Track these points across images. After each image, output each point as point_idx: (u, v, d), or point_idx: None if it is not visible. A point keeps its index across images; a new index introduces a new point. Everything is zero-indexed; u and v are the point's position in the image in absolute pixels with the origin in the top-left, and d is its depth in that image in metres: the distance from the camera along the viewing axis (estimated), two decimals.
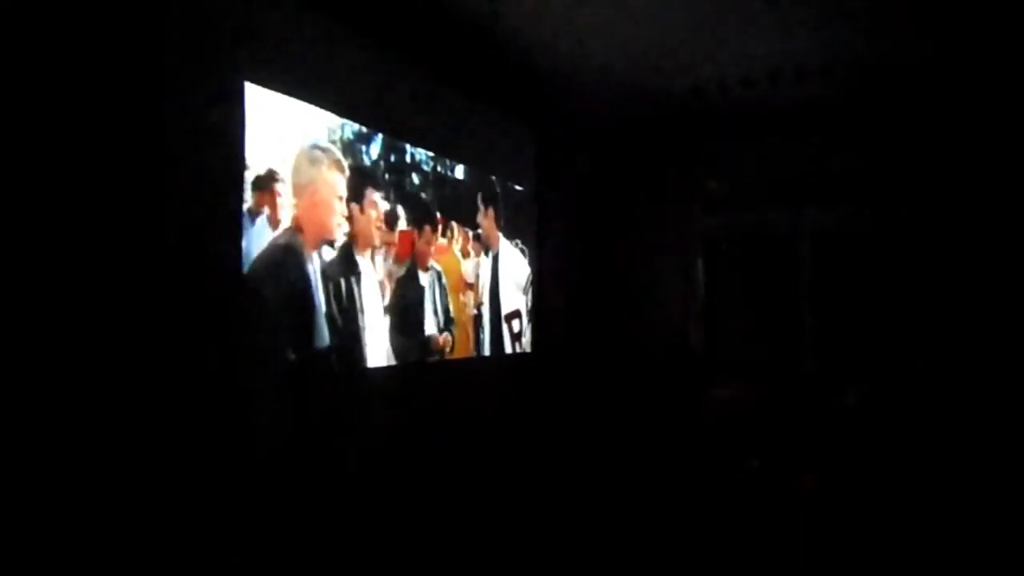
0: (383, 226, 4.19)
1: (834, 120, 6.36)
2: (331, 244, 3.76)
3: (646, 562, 4.17)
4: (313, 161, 3.62)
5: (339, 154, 3.82)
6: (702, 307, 7.03)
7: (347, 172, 3.87)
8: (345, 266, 3.87)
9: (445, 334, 4.79)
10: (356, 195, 3.98)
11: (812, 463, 5.73)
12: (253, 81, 3.30)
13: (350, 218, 3.92)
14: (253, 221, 3.25)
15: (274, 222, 3.35)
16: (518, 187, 5.80)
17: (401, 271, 4.34)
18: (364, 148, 4.13)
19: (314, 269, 3.61)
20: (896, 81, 5.63)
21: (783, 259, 6.75)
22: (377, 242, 4.13)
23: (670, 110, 6.46)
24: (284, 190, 3.41)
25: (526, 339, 5.77)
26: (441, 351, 4.76)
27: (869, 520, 4.63)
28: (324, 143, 3.72)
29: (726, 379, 6.75)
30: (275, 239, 3.36)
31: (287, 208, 3.43)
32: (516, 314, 5.63)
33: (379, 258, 4.15)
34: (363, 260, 4.01)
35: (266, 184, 3.31)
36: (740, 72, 5.53)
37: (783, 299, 6.70)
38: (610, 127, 6.84)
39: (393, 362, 4.23)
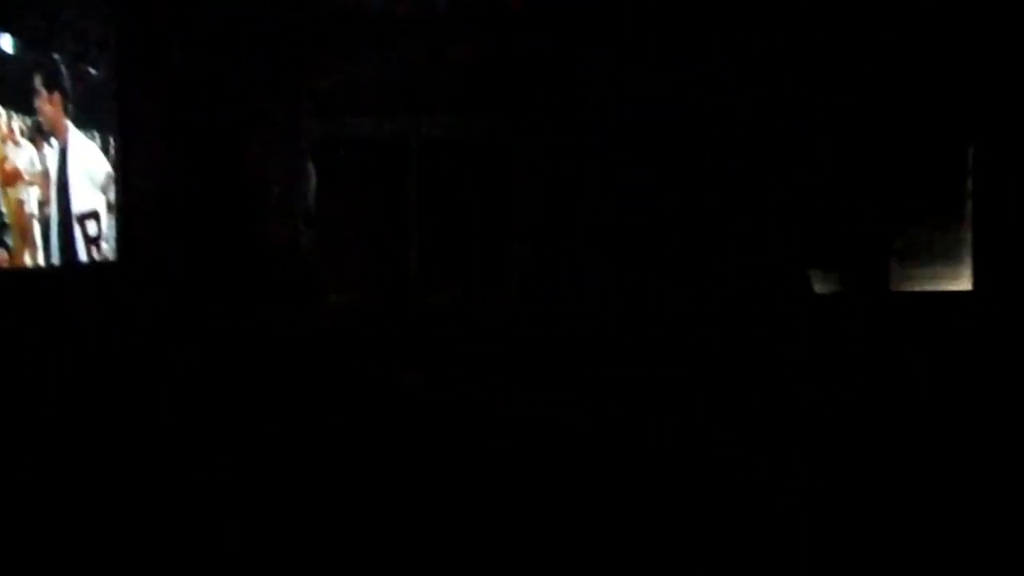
0: None
1: (445, 28, 6.56)
2: None
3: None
4: None
5: None
6: (314, 212, 6.93)
7: None
8: None
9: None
10: None
11: (419, 361, 6.10)
12: None
13: None
14: None
15: None
16: (93, 70, 5.05)
17: None
18: None
19: None
20: None
21: (394, 166, 6.90)
22: None
23: (280, 5, 6.14)
24: None
25: (106, 245, 5.16)
26: None
27: (479, 411, 5.02)
28: None
29: (339, 284, 6.82)
30: None
31: None
32: (92, 215, 4.98)
33: None
34: None
35: None
36: None
37: (394, 205, 6.89)
38: (213, 12, 6.26)
39: None
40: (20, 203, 4.26)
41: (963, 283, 6.25)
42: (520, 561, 2.76)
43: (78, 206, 4.86)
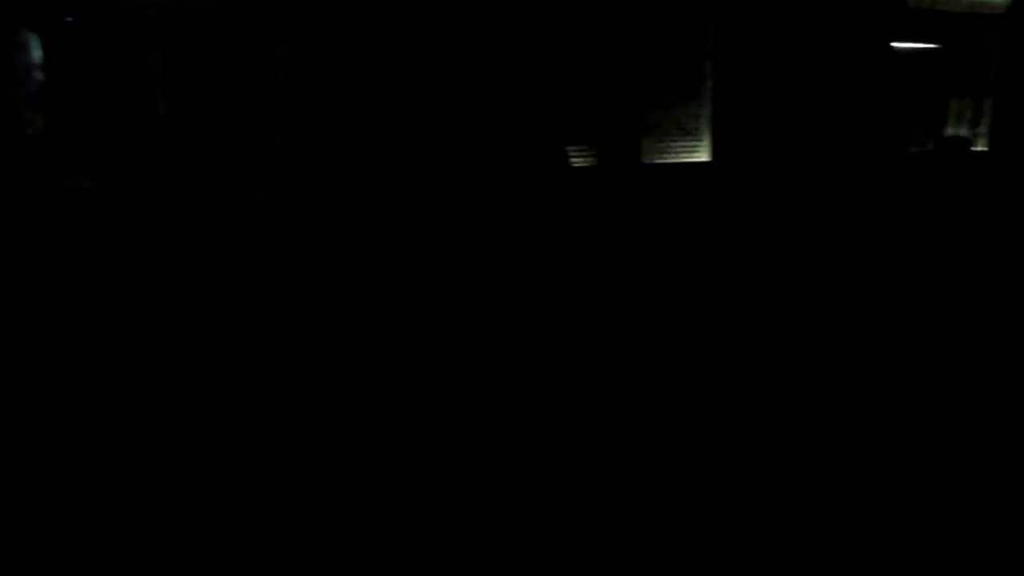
0: None
1: None
2: None
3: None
4: None
5: None
6: (43, 89, 6.16)
7: None
8: None
9: None
10: None
11: (172, 245, 5.74)
12: None
13: None
14: None
15: None
16: None
17: None
18: None
19: None
20: None
21: (134, 34, 6.27)
22: None
23: None
24: None
25: None
26: None
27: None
28: None
29: (77, 168, 6.17)
30: None
31: None
32: None
33: None
34: None
35: None
36: None
37: (137, 78, 6.28)
38: None
39: None
40: None
41: (703, 155, 6.82)
42: None
43: None
